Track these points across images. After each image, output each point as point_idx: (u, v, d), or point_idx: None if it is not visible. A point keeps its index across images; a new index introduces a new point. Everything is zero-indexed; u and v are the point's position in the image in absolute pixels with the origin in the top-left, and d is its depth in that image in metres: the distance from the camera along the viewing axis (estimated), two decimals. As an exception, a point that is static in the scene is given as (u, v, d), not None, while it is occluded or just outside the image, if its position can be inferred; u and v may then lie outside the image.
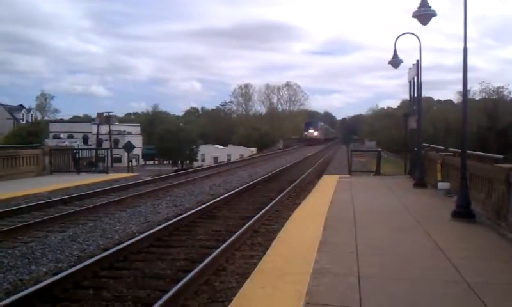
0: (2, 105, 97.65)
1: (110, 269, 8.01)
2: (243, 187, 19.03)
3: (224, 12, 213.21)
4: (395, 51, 20.30)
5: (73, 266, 7.87)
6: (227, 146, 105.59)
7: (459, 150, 12.41)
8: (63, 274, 7.19)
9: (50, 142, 63.78)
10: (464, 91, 11.63)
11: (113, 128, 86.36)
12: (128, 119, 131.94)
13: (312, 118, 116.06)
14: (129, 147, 45.80)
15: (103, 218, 12.49)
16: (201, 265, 7.51)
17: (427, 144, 21.39)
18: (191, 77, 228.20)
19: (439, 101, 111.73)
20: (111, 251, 8.67)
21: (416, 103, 19.88)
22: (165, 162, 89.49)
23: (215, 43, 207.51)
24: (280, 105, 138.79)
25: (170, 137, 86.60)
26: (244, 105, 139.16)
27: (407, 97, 24.71)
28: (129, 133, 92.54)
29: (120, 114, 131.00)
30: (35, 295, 6.34)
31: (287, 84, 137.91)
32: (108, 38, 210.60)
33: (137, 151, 78.29)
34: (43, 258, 8.67)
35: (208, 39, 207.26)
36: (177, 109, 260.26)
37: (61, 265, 8.27)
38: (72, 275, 7.20)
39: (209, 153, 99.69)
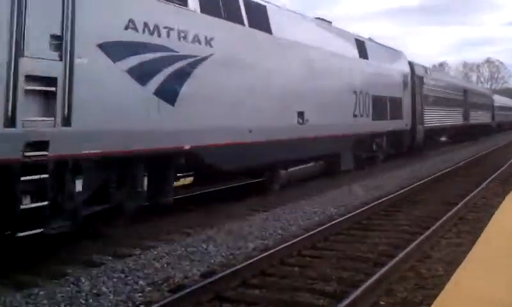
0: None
1: (312, 249, 8.23)
2: (442, 172, 18.05)
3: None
4: None
5: (279, 244, 8.24)
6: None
7: None
8: (270, 251, 7.60)
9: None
10: None
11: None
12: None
13: None
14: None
15: (300, 201, 12.79)
16: (405, 251, 7.30)
17: None
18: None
19: None
20: (313, 232, 8.92)
21: None
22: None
23: (404, 22, 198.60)
24: (480, 84, 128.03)
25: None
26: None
27: None
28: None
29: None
30: (246, 269, 6.80)
31: (488, 61, 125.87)
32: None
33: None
34: (250, 235, 9.21)
35: (398, 17, 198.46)
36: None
37: (267, 243, 8.72)
38: (278, 253, 7.58)
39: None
